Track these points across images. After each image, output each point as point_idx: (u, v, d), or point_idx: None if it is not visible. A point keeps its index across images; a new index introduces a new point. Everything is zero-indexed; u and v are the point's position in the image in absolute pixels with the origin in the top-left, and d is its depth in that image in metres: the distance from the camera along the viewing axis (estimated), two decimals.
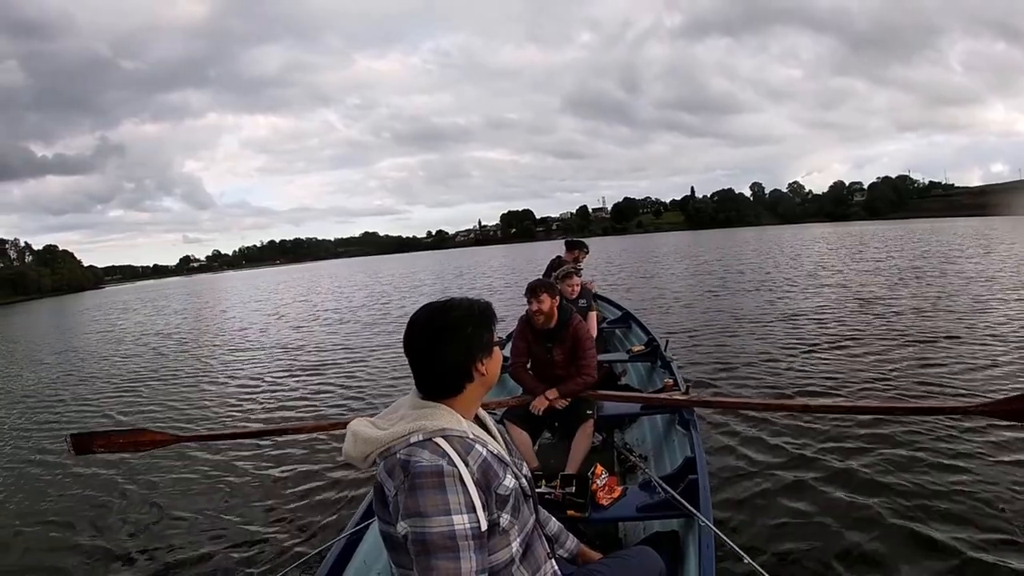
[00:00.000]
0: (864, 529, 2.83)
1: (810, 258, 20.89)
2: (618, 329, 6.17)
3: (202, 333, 14.82)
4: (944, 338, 6.69)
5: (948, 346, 6.34)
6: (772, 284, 13.67)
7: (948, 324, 7.48)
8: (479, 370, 1.28)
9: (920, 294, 10.18)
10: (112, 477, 4.43)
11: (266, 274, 76.16)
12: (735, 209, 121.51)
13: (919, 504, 3.02)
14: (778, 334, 7.72)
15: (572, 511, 2.25)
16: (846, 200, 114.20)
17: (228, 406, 6.59)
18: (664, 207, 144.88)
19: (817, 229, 59.33)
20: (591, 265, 23.77)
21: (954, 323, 7.53)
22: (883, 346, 6.59)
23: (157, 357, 11.03)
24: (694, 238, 60.34)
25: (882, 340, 6.89)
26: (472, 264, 41.94)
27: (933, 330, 7.17)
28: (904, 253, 19.82)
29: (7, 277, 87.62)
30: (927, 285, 11.26)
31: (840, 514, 2.98)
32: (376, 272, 42.65)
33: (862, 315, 8.64)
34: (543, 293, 3.08)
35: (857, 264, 17.12)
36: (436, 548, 1.08)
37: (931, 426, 3.99)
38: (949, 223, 47.90)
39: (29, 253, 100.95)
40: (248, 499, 3.85)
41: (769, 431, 4.10)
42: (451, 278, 28.41)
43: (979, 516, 2.88)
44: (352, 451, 1.22)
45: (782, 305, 10.25)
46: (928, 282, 11.71)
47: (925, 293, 10.28)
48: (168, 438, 2.92)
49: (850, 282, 12.70)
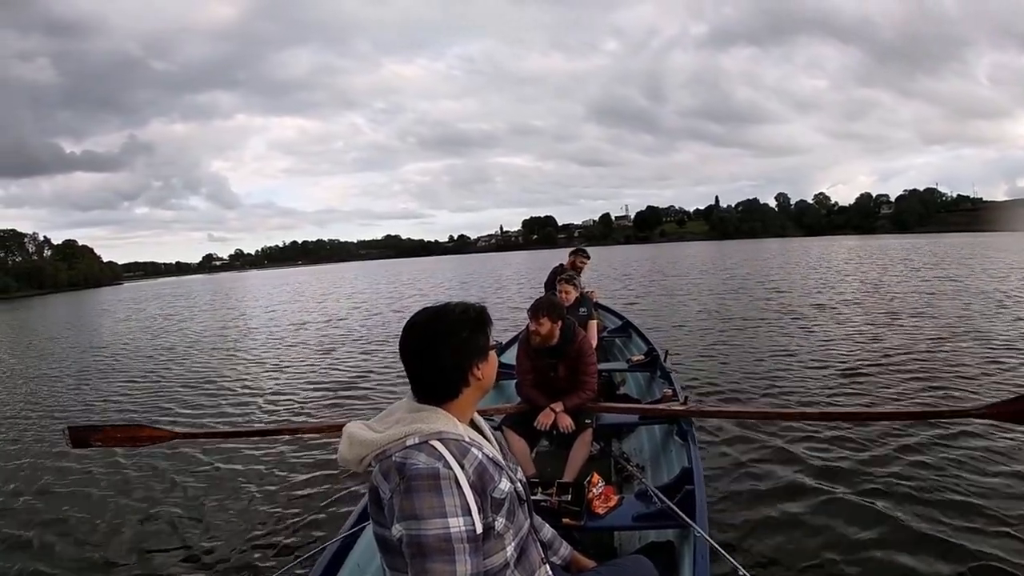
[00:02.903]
0: (862, 541, 2.80)
1: (838, 272, 20.26)
2: (618, 339, 6.16)
3: (206, 332, 14.92)
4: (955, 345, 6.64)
5: (956, 353, 6.33)
6: (791, 298, 13.36)
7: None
8: (475, 374, 1.28)
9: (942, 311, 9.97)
10: (106, 471, 4.45)
11: (285, 274, 76.89)
12: (760, 219, 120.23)
13: (921, 515, 2.99)
14: (787, 348, 7.61)
15: (567, 519, 2.24)
16: (873, 213, 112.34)
17: (227, 405, 6.65)
18: (688, 216, 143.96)
19: (845, 242, 58.20)
20: (603, 273, 23.92)
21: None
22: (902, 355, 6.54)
23: (158, 353, 11.20)
24: (717, 248, 59.55)
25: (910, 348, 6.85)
26: (484, 270, 41.96)
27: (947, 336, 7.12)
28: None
29: (24, 271, 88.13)
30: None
31: (837, 526, 2.95)
32: (383, 275, 42.95)
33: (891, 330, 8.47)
34: (544, 316, 3.04)
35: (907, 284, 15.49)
36: (431, 551, 1.08)
37: (931, 432, 3.94)
38: (986, 237, 46.28)
39: (48, 247, 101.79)
40: (242, 500, 3.84)
41: (767, 442, 4.07)
42: (457, 280, 28.59)
43: (986, 526, 2.83)
44: (347, 454, 1.22)
45: (795, 319, 10.05)
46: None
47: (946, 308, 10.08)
48: (165, 434, 2.92)
49: (895, 301, 11.96)
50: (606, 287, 16.75)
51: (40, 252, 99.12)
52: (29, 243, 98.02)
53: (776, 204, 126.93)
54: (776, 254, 36.75)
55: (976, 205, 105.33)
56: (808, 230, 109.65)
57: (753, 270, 22.50)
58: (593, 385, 3.12)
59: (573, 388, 3.09)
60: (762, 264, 26.32)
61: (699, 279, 20.13)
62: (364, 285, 32.04)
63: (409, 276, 37.77)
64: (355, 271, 62.79)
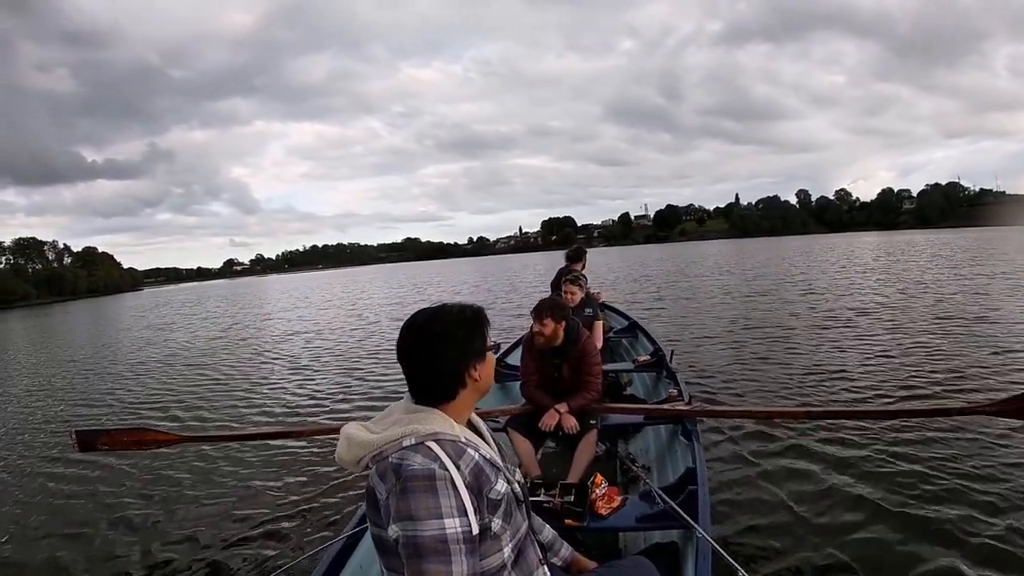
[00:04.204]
0: (870, 545, 2.75)
1: (877, 271, 18.77)
2: (624, 339, 6.14)
3: (217, 336, 15.07)
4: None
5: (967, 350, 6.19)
6: (806, 295, 13.13)
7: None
8: (472, 376, 1.29)
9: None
10: (112, 474, 4.52)
11: (305, 279, 77.59)
12: (781, 217, 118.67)
13: (933, 517, 2.93)
14: (797, 346, 7.48)
15: (570, 520, 2.24)
16: (895, 208, 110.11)
17: (231, 407, 6.73)
18: (708, 215, 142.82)
19: (868, 238, 57.00)
20: (621, 274, 23.73)
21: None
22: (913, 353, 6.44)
23: (167, 357, 11.38)
24: (738, 246, 58.59)
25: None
26: (497, 271, 41.88)
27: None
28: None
29: (44, 278, 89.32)
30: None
31: (843, 528, 2.90)
32: (398, 279, 43.17)
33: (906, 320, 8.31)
34: (547, 317, 3.05)
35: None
36: (427, 551, 1.08)
37: (939, 429, 3.87)
38: (1016, 232, 44.60)
39: (68, 255, 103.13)
40: (245, 501, 3.87)
41: (772, 441, 4.03)
42: (468, 284, 28.57)
43: (996, 526, 2.78)
44: (345, 455, 1.23)
45: (808, 315, 9.92)
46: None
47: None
48: (171, 438, 2.95)
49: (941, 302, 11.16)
50: (622, 288, 16.71)
51: (60, 259, 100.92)
52: (49, 251, 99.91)
53: (797, 201, 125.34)
54: (799, 252, 36.01)
55: (999, 199, 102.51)
56: (830, 227, 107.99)
57: (778, 270, 21.87)
58: (597, 386, 3.11)
59: (577, 389, 3.08)
60: (786, 263, 25.62)
61: (717, 280, 19.69)
62: (375, 289, 32.26)
63: (421, 280, 37.78)
64: (373, 275, 63.26)
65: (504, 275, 35.17)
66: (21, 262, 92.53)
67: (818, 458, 3.71)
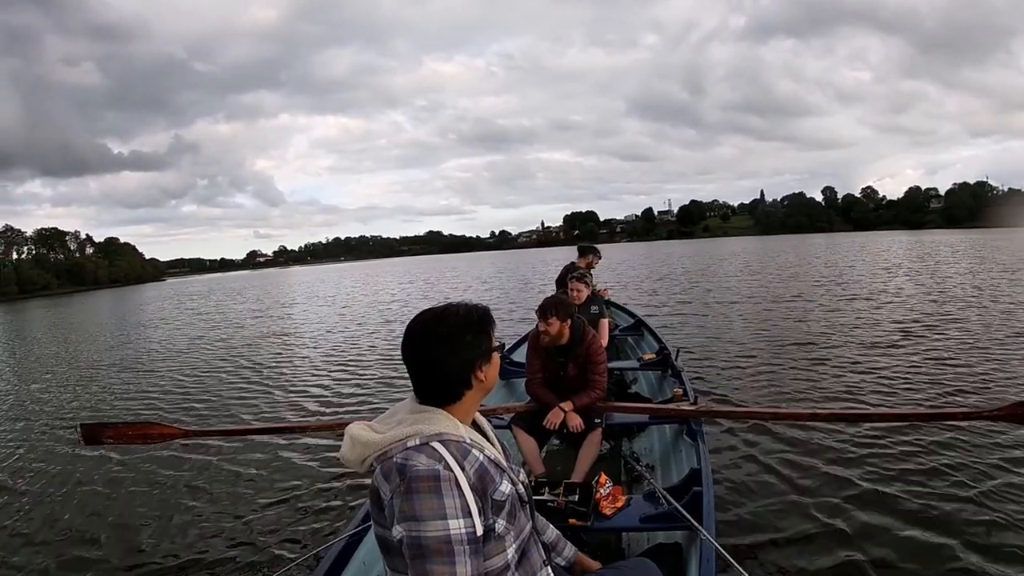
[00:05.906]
0: (875, 548, 2.72)
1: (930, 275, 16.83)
2: (630, 337, 6.10)
3: (232, 329, 15.09)
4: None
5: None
6: (828, 296, 12.80)
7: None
8: (478, 377, 1.28)
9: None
10: (117, 468, 4.54)
11: (327, 270, 78.02)
12: (806, 214, 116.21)
13: (934, 520, 2.90)
14: (810, 348, 7.35)
15: (574, 519, 2.23)
16: (923, 207, 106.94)
17: (239, 402, 6.77)
18: (732, 211, 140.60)
19: (899, 237, 55.22)
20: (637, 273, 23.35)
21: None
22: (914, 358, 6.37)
23: (178, 352, 11.42)
24: (762, 244, 57.46)
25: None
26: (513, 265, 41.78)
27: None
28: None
29: (65, 268, 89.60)
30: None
31: (849, 532, 2.88)
32: (417, 271, 43.23)
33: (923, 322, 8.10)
34: (552, 316, 3.03)
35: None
36: (431, 552, 1.08)
37: (945, 433, 3.82)
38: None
39: (90, 245, 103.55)
40: (248, 497, 3.87)
41: (777, 442, 4.00)
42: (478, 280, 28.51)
43: (1001, 530, 2.76)
44: (349, 454, 1.22)
45: (826, 318, 9.68)
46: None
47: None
48: (176, 432, 2.96)
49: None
50: (641, 287, 16.52)
51: (82, 250, 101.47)
52: (71, 241, 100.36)
53: (823, 198, 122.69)
54: (825, 249, 35.20)
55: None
56: (856, 225, 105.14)
57: (806, 270, 20.89)
58: (603, 384, 3.09)
59: (583, 387, 3.07)
60: (818, 262, 24.75)
61: (742, 280, 18.96)
62: (389, 282, 32.37)
63: (434, 275, 37.77)
64: (396, 267, 63.50)
65: (519, 270, 35.11)
66: (44, 252, 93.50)
67: (825, 461, 3.66)
